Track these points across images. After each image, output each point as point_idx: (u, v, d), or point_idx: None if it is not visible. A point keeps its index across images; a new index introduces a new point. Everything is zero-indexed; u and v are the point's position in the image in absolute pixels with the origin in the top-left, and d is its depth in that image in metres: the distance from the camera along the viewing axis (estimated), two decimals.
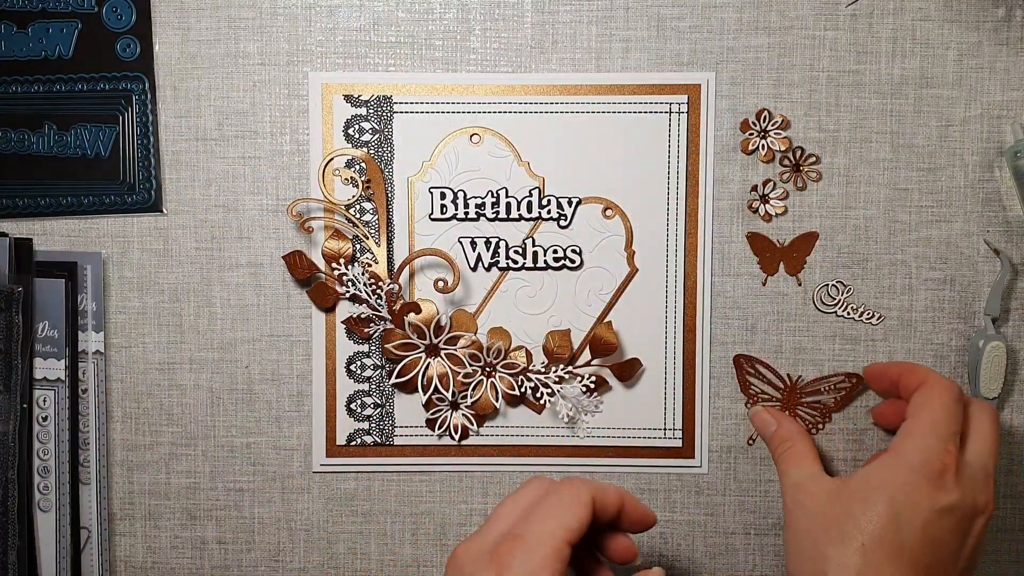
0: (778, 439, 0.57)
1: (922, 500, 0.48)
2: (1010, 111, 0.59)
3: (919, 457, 0.49)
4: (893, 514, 0.48)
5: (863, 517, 0.48)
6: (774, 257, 0.60)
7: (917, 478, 0.49)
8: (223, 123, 0.60)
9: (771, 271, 0.60)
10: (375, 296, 0.59)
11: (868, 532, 0.48)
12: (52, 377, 0.59)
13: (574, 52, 0.59)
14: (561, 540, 0.45)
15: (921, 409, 0.51)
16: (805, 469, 0.54)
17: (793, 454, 0.55)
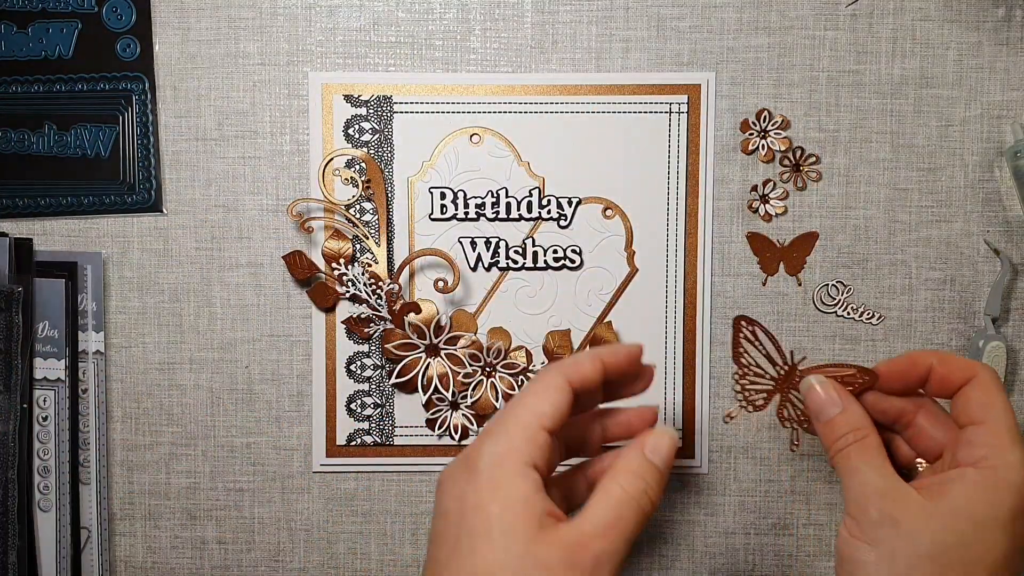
0: (844, 426, 0.46)
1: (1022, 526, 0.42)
2: (1010, 111, 0.59)
3: (1017, 476, 0.42)
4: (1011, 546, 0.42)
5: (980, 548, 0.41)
6: (774, 257, 0.60)
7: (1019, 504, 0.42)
8: (223, 123, 0.60)
9: (771, 271, 0.60)
10: (375, 296, 0.59)
11: (986, 564, 0.41)
12: (52, 377, 0.59)
13: (574, 52, 0.59)
14: (532, 426, 0.43)
15: (992, 409, 0.44)
16: (888, 474, 0.44)
17: (868, 448, 0.45)
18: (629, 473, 0.43)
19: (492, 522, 0.41)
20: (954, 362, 0.46)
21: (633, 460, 0.44)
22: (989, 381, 0.45)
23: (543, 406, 0.44)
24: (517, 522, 0.41)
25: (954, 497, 0.42)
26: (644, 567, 0.62)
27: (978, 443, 0.43)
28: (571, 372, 0.45)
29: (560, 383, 0.44)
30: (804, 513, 0.61)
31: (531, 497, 0.41)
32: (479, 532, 0.41)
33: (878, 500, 0.43)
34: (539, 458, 0.43)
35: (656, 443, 0.45)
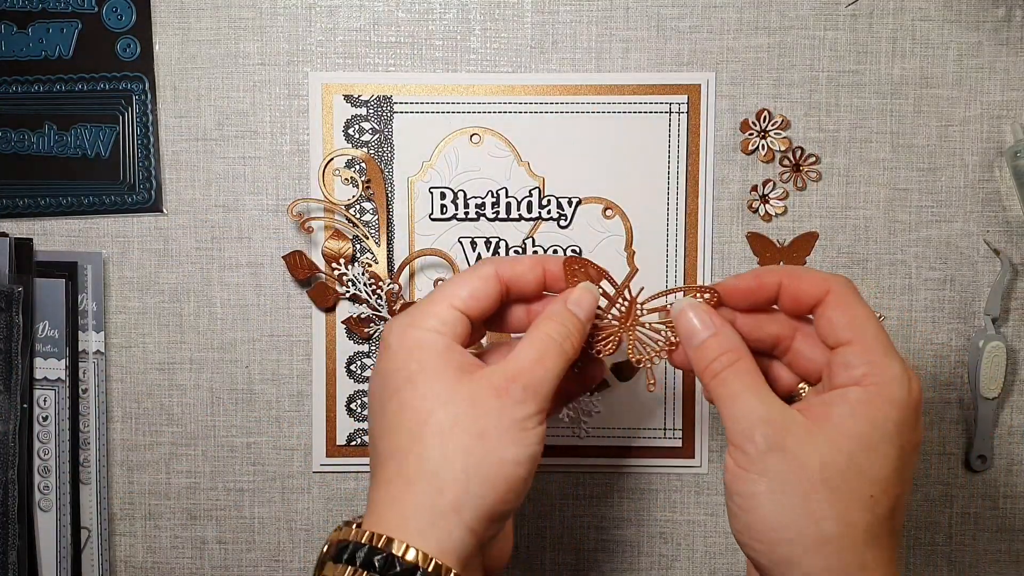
0: (716, 349, 0.43)
1: (912, 438, 0.41)
2: (1010, 111, 0.59)
3: (902, 390, 0.41)
4: (898, 463, 0.40)
5: (870, 470, 0.40)
6: (774, 257, 0.60)
7: (906, 414, 0.41)
8: (223, 123, 0.60)
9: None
10: (375, 296, 0.59)
11: (878, 482, 0.40)
12: (52, 377, 0.59)
13: (574, 52, 0.59)
14: (442, 304, 0.44)
15: (859, 326, 0.42)
16: (769, 399, 0.42)
17: (743, 372, 0.43)
18: (552, 319, 0.45)
19: (413, 376, 0.42)
20: (804, 277, 0.44)
21: (557, 309, 0.45)
22: (846, 295, 0.43)
23: (459, 289, 0.44)
24: (437, 371, 0.42)
25: (838, 418, 0.41)
26: (644, 567, 0.62)
27: (854, 363, 0.41)
28: (504, 266, 0.46)
29: (487, 272, 0.45)
30: None
31: (445, 352, 0.43)
32: (402, 387, 0.42)
33: (763, 427, 0.41)
34: (446, 331, 0.44)
35: (579, 296, 0.46)
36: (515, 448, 0.42)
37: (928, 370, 0.61)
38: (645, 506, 0.61)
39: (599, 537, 0.62)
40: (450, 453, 0.41)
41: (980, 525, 0.61)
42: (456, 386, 0.42)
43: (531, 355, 0.43)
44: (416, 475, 0.41)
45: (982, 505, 0.61)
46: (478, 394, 0.42)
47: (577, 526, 0.62)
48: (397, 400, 0.42)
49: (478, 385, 0.42)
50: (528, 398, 0.42)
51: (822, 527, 0.39)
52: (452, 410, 0.42)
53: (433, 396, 0.42)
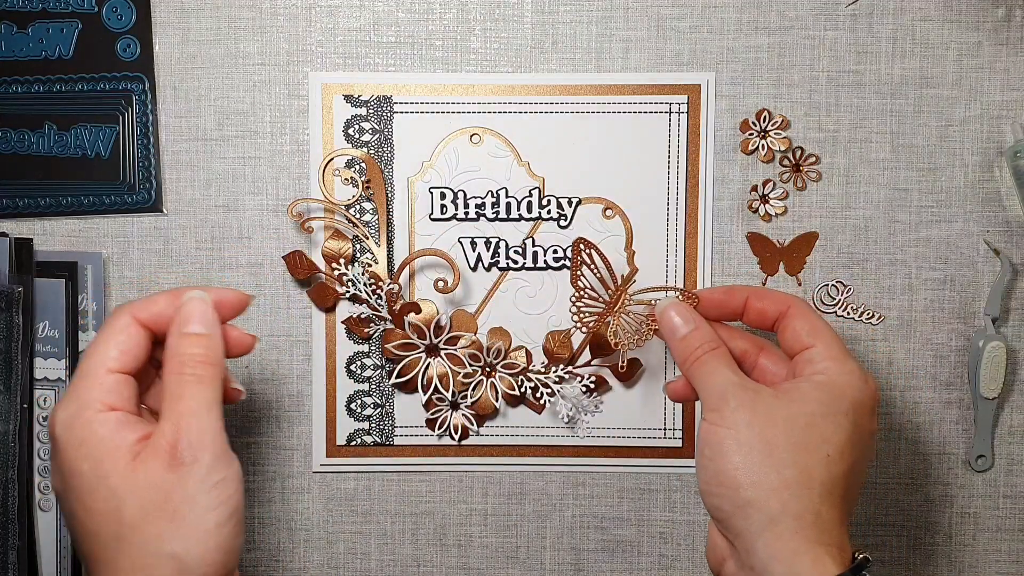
0: (698, 339, 0.49)
1: (866, 425, 0.47)
2: (1010, 111, 0.59)
3: (858, 384, 0.47)
4: (851, 434, 0.46)
5: (826, 431, 0.45)
6: (774, 257, 0.60)
7: (862, 404, 0.47)
8: (223, 123, 0.60)
9: (771, 271, 0.60)
10: (375, 296, 0.59)
11: (834, 444, 0.45)
12: (52, 377, 0.59)
13: (574, 52, 0.59)
14: (97, 374, 0.43)
15: (819, 333, 0.48)
16: (735, 374, 0.47)
17: (723, 355, 0.48)
18: (173, 359, 0.44)
19: (89, 479, 0.41)
20: (768, 296, 0.51)
21: (172, 344, 0.44)
22: (806, 310, 0.49)
23: (108, 350, 0.44)
24: (108, 465, 0.41)
25: (801, 390, 0.46)
26: (644, 567, 0.62)
27: (816, 359, 0.47)
28: (139, 309, 0.45)
29: (125, 322, 0.44)
30: None
31: (114, 436, 0.42)
32: (83, 493, 0.42)
33: (735, 390, 0.46)
34: (114, 399, 0.43)
35: (186, 314, 0.45)
36: (214, 512, 0.41)
37: (928, 370, 0.61)
38: (645, 506, 0.61)
39: (599, 537, 0.62)
40: (154, 544, 0.40)
41: (980, 525, 0.61)
42: (131, 476, 0.41)
43: (176, 406, 0.43)
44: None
45: (982, 505, 0.61)
46: (152, 475, 0.41)
47: (577, 526, 0.62)
48: (83, 505, 0.42)
49: (148, 465, 0.41)
50: (199, 455, 0.42)
51: (783, 473, 0.44)
52: (137, 502, 0.41)
53: (112, 495, 0.41)
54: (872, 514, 0.61)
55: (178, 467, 0.41)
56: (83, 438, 0.42)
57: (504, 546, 0.62)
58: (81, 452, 0.42)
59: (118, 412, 0.43)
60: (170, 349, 0.44)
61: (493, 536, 0.62)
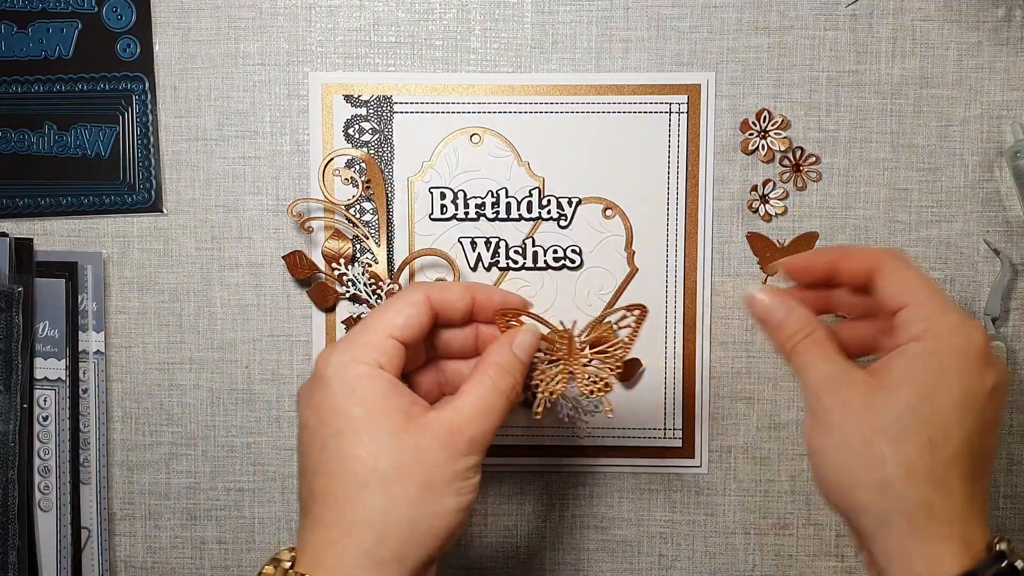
0: (792, 327, 0.46)
1: (976, 386, 0.42)
2: (1010, 111, 0.59)
3: (960, 339, 0.43)
4: (954, 407, 0.42)
5: (925, 414, 0.42)
6: (774, 257, 0.60)
7: (966, 362, 0.42)
8: (223, 123, 0.60)
9: (772, 272, 0.60)
10: (375, 296, 0.59)
11: (936, 427, 0.42)
12: (52, 377, 0.59)
13: (574, 52, 0.59)
14: (379, 334, 0.44)
15: (911, 289, 0.44)
16: (837, 361, 0.45)
17: (817, 341, 0.45)
18: (498, 367, 0.46)
19: (356, 422, 0.43)
20: (854, 254, 0.47)
21: (502, 354, 0.46)
22: (896, 264, 0.45)
23: (395, 318, 0.45)
24: (381, 418, 0.43)
25: (897, 369, 0.43)
26: (644, 567, 0.62)
27: (912, 321, 0.44)
28: (434, 293, 0.47)
29: (419, 299, 0.46)
30: (804, 513, 0.61)
31: (389, 393, 0.43)
32: (345, 432, 0.43)
33: (827, 386, 0.44)
34: (386, 363, 0.44)
35: (523, 339, 0.47)
36: (457, 498, 0.43)
37: None
38: (645, 506, 0.61)
39: (599, 537, 0.62)
40: (395, 503, 0.42)
41: None
42: (401, 435, 0.43)
43: (478, 405, 0.44)
44: (358, 522, 0.42)
45: None
46: (424, 444, 0.43)
47: (577, 526, 0.62)
48: (337, 444, 0.43)
49: (423, 435, 0.43)
50: (473, 451, 0.44)
51: (884, 471, 0.41)
52: (397, 459, 0.42)
53: (378, 444, 0.42)
54: None
55: (451, 450, 0.43)
56: (355, 386, 0.43)
57: (504, 546, 0.62)
58: (354, 398, 0.43)
59: (388, 374, 0.44)
60: (493, 353, 0.47)
61: (493, 536, 0.62)
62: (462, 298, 0.47)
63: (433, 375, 0.50)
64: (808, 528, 0.61)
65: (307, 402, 0.45)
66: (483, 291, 0.48)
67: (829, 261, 0.47)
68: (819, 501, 0.61)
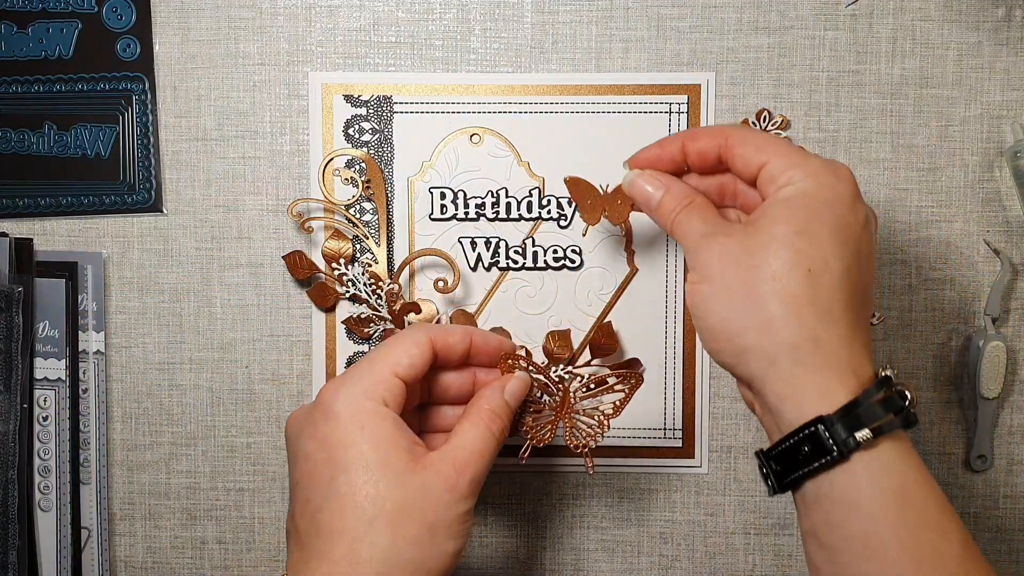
0: (671, 202, 0.47)
1: (849, 215, 0.43)
2: (1010, 111, 0.59)
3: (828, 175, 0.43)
4: (833, 235, 0.42)
5: (802, 244, 0.42)
6: (596, 204, 0.55)
7: (838, 194, 0.43)
8: (223, 123, 0.60)
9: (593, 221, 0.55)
10: (375, 296, 0.59)
11: (814, 258, 0.42)
12: (52, 377, 0.59)
13: (574, 52, 0.59)
14: (385, 372, 0.45)
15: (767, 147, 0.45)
16: (714, 221, 0.45)
17: (695, 207, 0.46)
18: (491, 412, 0.47)
19: (367, 458, 0.43)
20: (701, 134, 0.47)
21: (495, 400, 0.48)
22: (745, 132, 0.46)
23: (401, 357, 0.46)
24: (390, 456, 0.43)
25: (771, 211, 0.43)
26: (644, 567, 0.62)
27: (776, 176, 0.44)
28: (437, 335, 0.48)
29: (422, 340, 0.47)
30: None
31: (395, 432, 0.44)
32: (355, 468, 0.43)
33: (704, 241, 0.44)
34: (391, 401, 0.45)
35: (513, 387, 0.49)
36: (455, 541, 0.44)
37: (928, 370, 0.61)
38: (645, 506, 0.61)
39: (599, 537, 0.62)
40: (400, 543, 0.43)
41: (980, 525, 0.61)
42: (409, 475, 0.43)
43: (475, 446, 0.46)
44: (366, 561, 0.42)
45: (982, 505, 0.61)
46: (430, 485, 0.44)
47: (577, 526, 0.62)
48: (348, 479, 0.43)
49: (429, 474, 0.44)
50: (472, 493, 0.45)
51: (767, 309, 0.41)
52: (405, 499, 0.43)
53: (387, 483, 0.43)
54: None
55: (455, 492, 0.44)
56: (366, 422, 0.44)
57: (504, 546, 0.62)
58: (364, 434, 0.44)
59: (394, 413, 0.45)
60: (486, 398, 0.48)
61: (493, 536, 0.62)
62: (462, 341, 0.48)
63: (415, 416, 0.51)
64: None
65: (311, 434, 0.45)
66: (481, 336, 0.49)
67: (676, 147, 0.48)
68: None
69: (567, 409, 0.52)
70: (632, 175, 0.49)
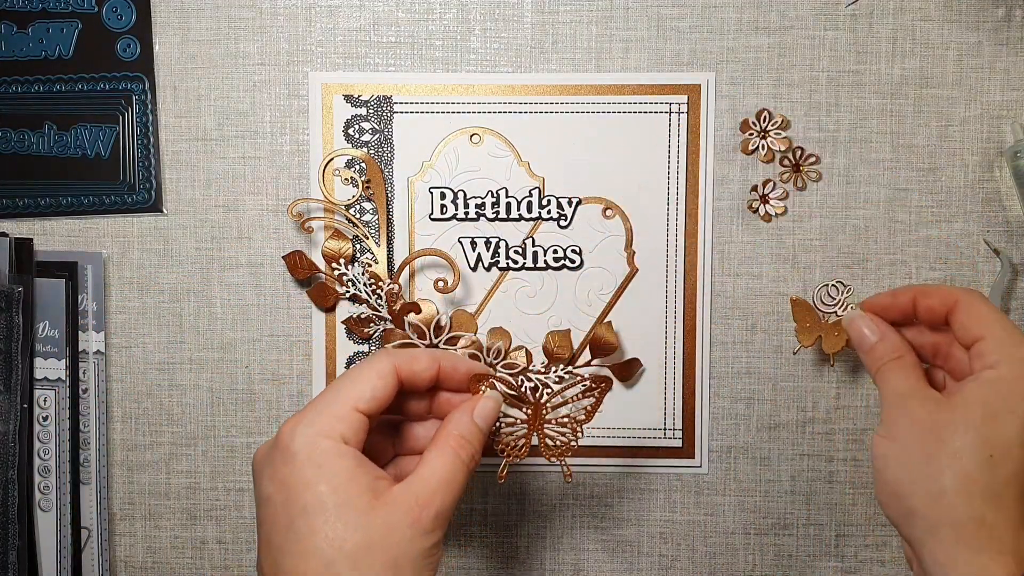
0: (883, 350, 0.50)
1: None
2: (1010, 111, 0.59)
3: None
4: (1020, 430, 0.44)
5: (988, 433, 0.44)
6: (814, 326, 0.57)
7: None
8: (223, 123, 0.60)
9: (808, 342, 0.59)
10: (375, 296, 0.59)
11: (997, 446, 0.44)
12: (52, 377, 0.59)
13: (574, 52, 0.59)
14: (346, 407, 0.44)
15: (986, 323, 0.47)
16: (914, 381, 0.48)
17: (902, 365, 0.49)
18: (459, 437, 0.46)
19: (325, 500, 0.42)
20: (934, 292, 0.49)
21: (463, 423, 0.47)
22: (974, 300, 0.48)
23: (363, 390, 0.45)
24: (350, 495, 0.42)
25: (967, 391, 0.45)
26: (644, 567, 0.62)
27: (987, 352, 0.46)
28: (402, 362, 0.46)
29: (386, 370, 0.46)
30: (804, 513, 0.61)
31: (355, 470, 0.43)
32: (313, 510, 0.42)
33: (899, 399, 0.47)
34: (351, 437, 0.44)
35: (483, 408, 0.48)
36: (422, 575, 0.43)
37: None
38: (645, 506, 0.61)
39: (599, 537, 0.62)
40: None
41: None
42: (369, 513, 0.42)
43: (441, 476, 0.44)
44: None
45: None
46: (393, 522, 0.42)
47: (577, 526, 0.62)
48: (306, 522, 0.42)
49: (391, 511, 0.43)
50: (438, 527, 0.44)
51: (940, 482, 0.44)
52: (365, 539, 0.42)
53: (344, 524, 0.42)
54: (872, 514, 0.61)
55: (418, 527, 0.43)
56: (322, 462, 0.43)
57: (504, 546, 0.62)
58: (321, 474, 0.43)
59: (354, 450, 0.44)
60: (454, 423, 0.47)
61: (493, 536, 0.62)
62: (429, 368, 0.47)
63: (388, 435, 0.50)
64: (808, 528, 0.61)
65: (271, 475, 0.44)
66: (448, 359, 0.48)
67: (909, 299, 0.50)
68: (819, 501, 0.61)
69: (539, 421, 0.51)
70: (855, 314, 0.52)
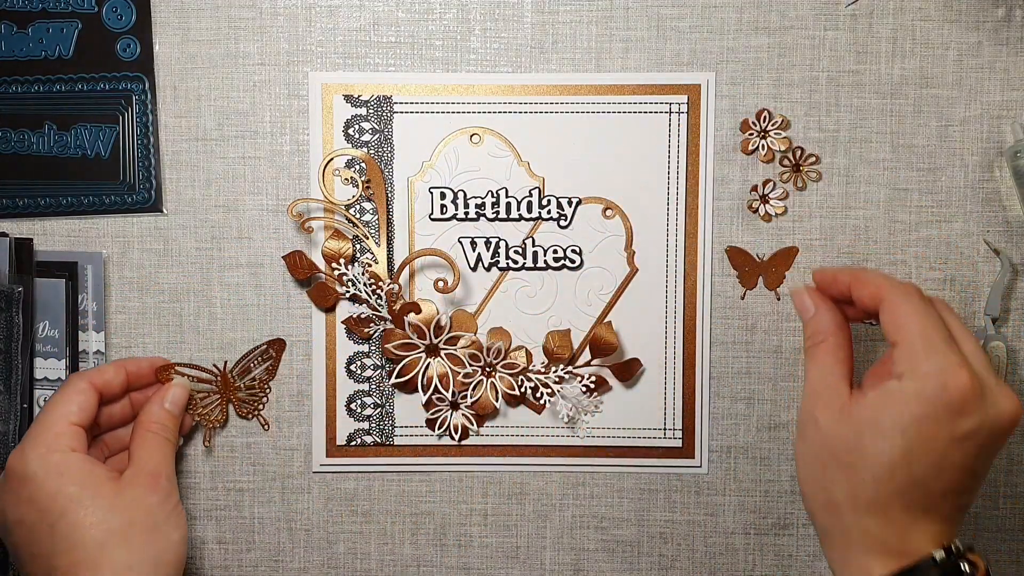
0: (811, 332, 0.51)
1: (939, 432, 0.44)
2: (1010, 111, 0.59)
3: (933, 385, 0.45)
4: (906, 450, 0.45)
5: (873, 451, 0.45)
6: (753, 271, 0.59)
7: (933, 409, 0.44)
8: (223, 123, 0.60)
9: (750, 285, 0.60)
10: (375, 296, 0.59)
11: (879, 467, 0.45)
12: (52, 377, 0.59)
13: (574, 52, 0.59)
14: (62, 423, 0.52)
15: (902, 328, 0.46)
16: (829, 375, 0.48)
17: (821, 351, 0.50)
18: (157, 424, 0.55)
19: (77, 497, 0.50)
20: (866, 283, 0.49)
21: (156, 413, 0.56)
22: (895, 301, 0.47)
23: (70, 406, 0.53)
24: (98, 487, 0.51)
25: (867, 401, 0.46)
26: (644, 567, 0.62)
27: (897, 360, 0.46)
28: (94, 376, 0.54)
29: (84, 386, 0.53)
30: (804, 513, 0.61)
31: (91, 468, 0.51)
32: (70, 510, 0.49)
33: (811, 397, 0.49)
34: (77, 446, 0.52)
35: (173, 395, 0.57)
36: (178, 530, 0.53)
37: None
38: (645, 506, 0.61)
39: (599, 537, 0.62)
40: (135, 550, 0.50)
41: (980, 525, 0.61)
42: (117, 496, 0.51)
43: (156, 456, 0.54)
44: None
45: (982, 505, 0.61)
46: (138, 497, 0.51)
47: (577, 526, 0.62)
48: (67, 521, 0.49)
49: (133, 488, 0.52)
50: (172, 487, 0.54)
51: (832, 492, 0.47)
52: (123, 516, 0.50)
53: (103, 510, 0.50)
54: None
55: (159, 491, 0.52)
56: (63, 469, 0.50)
57: (504, 546, 0.62)
58: (64, 480, 0.50)
59: (82, 454, 0.52)
60: (149, 412, 0.56)
61: (493, 536, 0.62)
62: (117, 374, 0.55)
63: (97, 446, 0.57)
64: (808, 528, 0.61)
65: (15, 503, 0.50)
66: (133, 362, 0.57)
67: (846, 283, 0.50)
68: None
69: (230, 388, 0.59)
70: (802, 287, 0.53)
